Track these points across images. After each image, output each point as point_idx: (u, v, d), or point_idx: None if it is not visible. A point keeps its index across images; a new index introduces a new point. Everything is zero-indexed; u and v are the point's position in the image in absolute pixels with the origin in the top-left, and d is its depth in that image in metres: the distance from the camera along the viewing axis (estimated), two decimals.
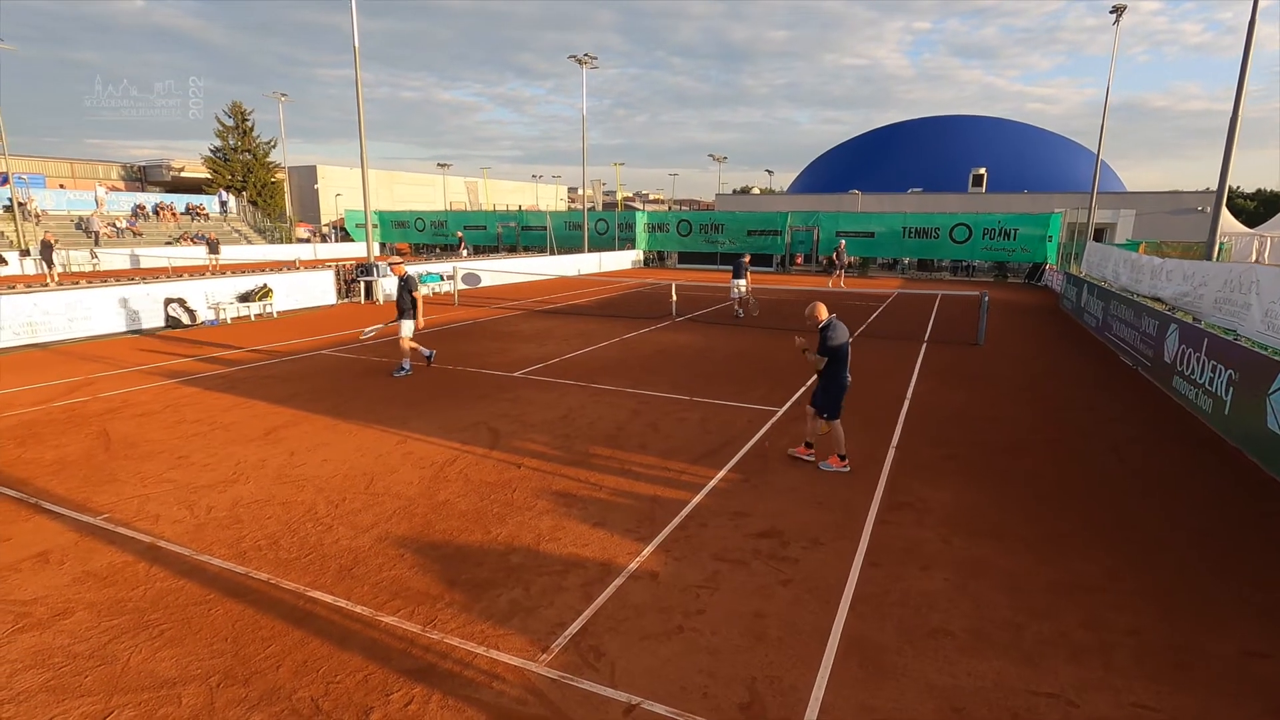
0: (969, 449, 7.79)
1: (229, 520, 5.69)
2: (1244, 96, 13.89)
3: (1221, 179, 14.77)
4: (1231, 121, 13.91)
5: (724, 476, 6.79)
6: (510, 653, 3.98)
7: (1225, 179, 14.66)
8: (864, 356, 13.27)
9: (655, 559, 5.11)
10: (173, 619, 4.28)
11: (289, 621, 4.28)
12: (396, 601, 4.50)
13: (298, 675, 3.77)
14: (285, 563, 4.99)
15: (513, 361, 12.11)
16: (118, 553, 5.13)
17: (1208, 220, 36.44)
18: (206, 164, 54.68)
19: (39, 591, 4.58)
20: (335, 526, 5.58)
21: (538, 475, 6.74)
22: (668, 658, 3.97)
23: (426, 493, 6.29)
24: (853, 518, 5.91)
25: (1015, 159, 49.75)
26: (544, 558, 5.12)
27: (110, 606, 4.42)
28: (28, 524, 5.59)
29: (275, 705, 3.53)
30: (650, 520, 5.78)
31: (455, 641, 4.09)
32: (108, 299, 14.79)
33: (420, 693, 3.64)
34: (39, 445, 7.47)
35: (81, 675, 3.75)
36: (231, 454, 7.23)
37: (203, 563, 4.99)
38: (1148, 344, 11.80)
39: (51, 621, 4.25)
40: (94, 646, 4.00)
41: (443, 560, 5.06)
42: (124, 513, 5.81)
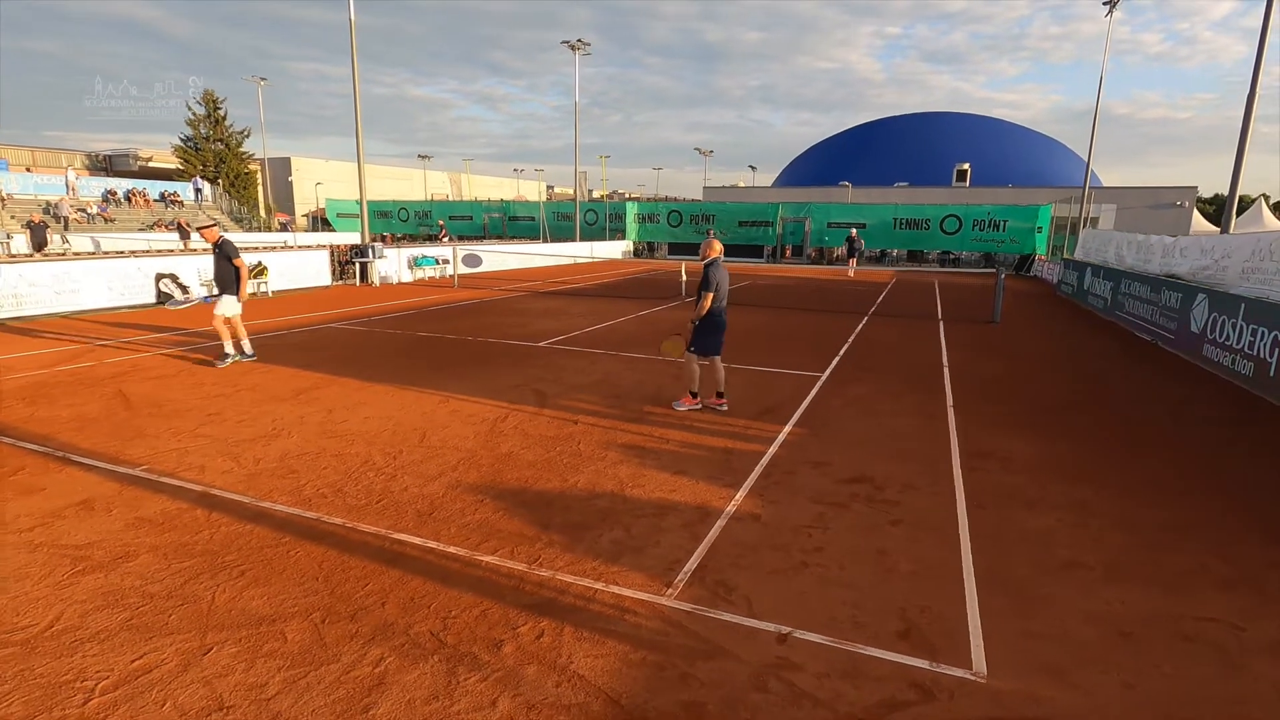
0: (1026, 408, 7.66)
1: (282, 470, 5.29)
2: (1256, 99, 13.98)
3: (1234, 175, 14.91)
4: (1244, 122, 14.02)
5: (790, 431, 6.55)
6: (632, 588, 3.68)
7: (1238, 174, 14.79)
8: (889, 331, 13.19)
9: (751, 502, 4.84)
10: (250, 560, 3.90)
11: (380, 562, 3.92)
12: (491, 542, 4.17)
13: (407, 611, 3.42)
14: (356, 508, 4.62)
15: (534, 334, 11.75)
16: (169, 500, 4.71)
17: (1185, 214, 37.38)
18: (177, 153, 53.11)
19: (91, 536, 4.16)
20: (399, 476, 5.21)
21: (598, 430, 6.43)
22: (802, 591, 3.70)
23: (486, 445, 5.94)
24: (936, 466, 5.70)
25: (997, 155, 50.51)
26: (633, 502, 4.82)
27: (176, 550, 4.01)
28: (59, 475, 5.13)
29: (392, 639, 3.19)
30: (730, 469, 5.50)
31: (569, 578, 3.77)
32: (97, 272, 14.08)
33: (549, 625, 3.32)
34: (51, 405, 6.95)
35: (164, 614, 3.36)
36: (265, 411, 6.80)
37: (266, 509, 4.60)
38: (1169, 317, 11.84)
39: (114, 564, 3.84)
40: (169, 587, 3.61)
41: (526, 505, 4.73)
42: (164, 464, 5.37)
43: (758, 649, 3.19)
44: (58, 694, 2.80)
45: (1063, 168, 52.08)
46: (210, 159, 53.02)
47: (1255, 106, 13.58)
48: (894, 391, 8.21)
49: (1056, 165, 52.13)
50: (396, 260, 21.10)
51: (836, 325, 13.68)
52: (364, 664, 3.01)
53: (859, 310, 16.23)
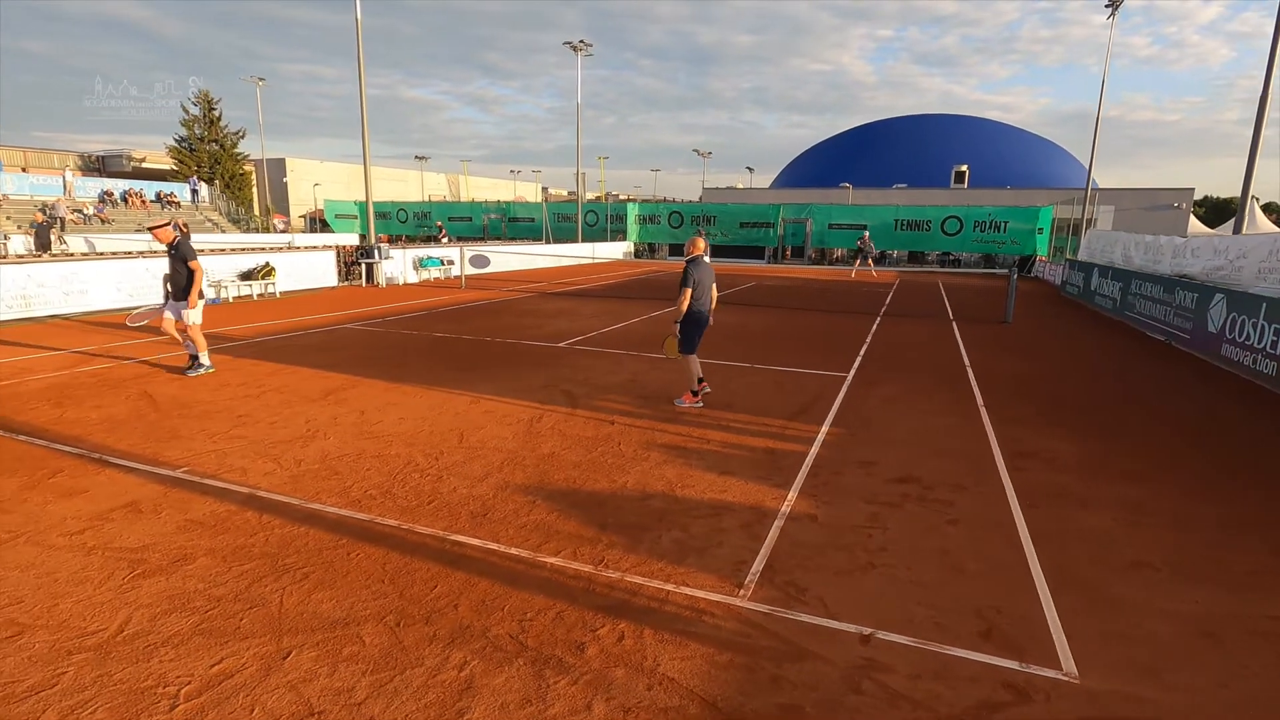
0: (1056, 407, 7.65)
1: (325, 471, 5.22)
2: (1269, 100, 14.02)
3: (1246, 178, 14.96)
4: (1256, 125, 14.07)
5: (829, 431, 6.52)
6: (704, 589, 3.64)
7: (1250, 176, 14.85)
8: (905, 330, 13.19)
9: (804, 503, 4.80)
10: (311, 563, 3.84)
11: (442, 564, 3.87)
12: (552, 543, 4.12)
13: (481, 613, 3.37)
14: (408, 510, 4.56)
15: (552, 334, 11.69)
16: (216, 502, 4.64)
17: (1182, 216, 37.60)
18: (171, 154, 52.76)
19: (144, 539, 4.09)
20: (445, 477, 5.16)
21: (635, 431, 6.38)
22: (874, 591, 3.67)
23: (527, 446, 5.89)
24: (980, 465, 5.69)
25: (993, 157, 50.74)
26: (686, 503, 4.78)
27: (234, 552, 3.95)
28: (99, 477, 5.05)
29: (472, 642, 3.14)
30: (777, 469, 5.47)
31: (638, 579, 3.73)
32: (106, 273, 13.96)
33: (628, 628, 3.28)
34: (77, 406, 6.86)
35: (234, 618, 3.30)
36: (297, 413, 6.72)
37: (317, 510, 4.53)
38: (1184, 317, 11.89)
39: (173, 567, 3.77)
40: (234, 590, 3.54)
41: (579, 506, 4.68)
42: (204, 466, 5.29)
43: (843, 650, 3.15)
44: (141, 700, 2.73)
45: (1059, 169, 52.37)
46: (205, 160, 52.68)
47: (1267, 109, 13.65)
48: (923, 391, 8.20)
49: (1052, 167, 52.41)
50: (402, 261, 21.00)
51: (851, 325, 13.67)
52: (448, 667, 2.96)
53: (870, 310, 16.25)
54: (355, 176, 65.94)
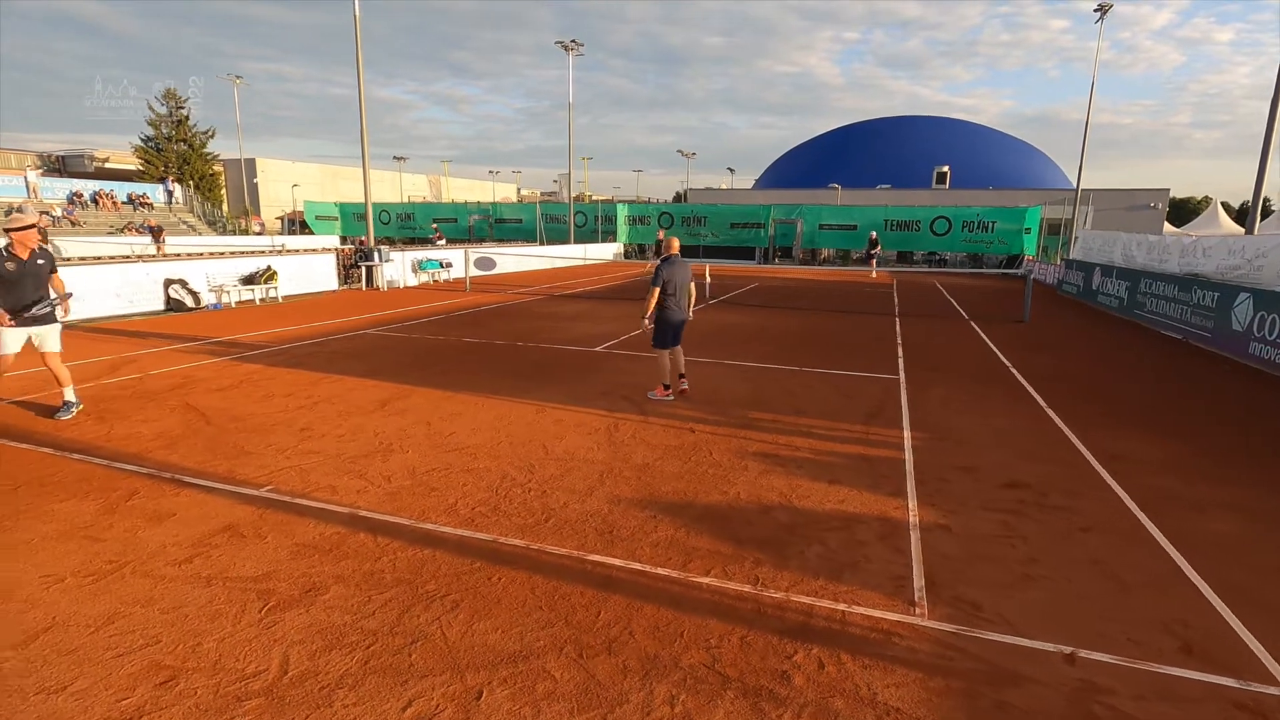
0: (1116, 407, 7.68)
1: (420, 488, 4.97)
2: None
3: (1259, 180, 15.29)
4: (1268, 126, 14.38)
5: (911, 435, 6.43)
6: (877, 608, 3.50)
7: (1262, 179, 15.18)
8: (929, 331, 13.22)
9: (928, 513, 4.70)
10: (454, 588, 3.61)
11: (593, 586, 3.67)
12: (697, 562, 3.95)
13: (662, 641, 3.19)
14: (528, 528, 4.35)
15: (582, 338, 11.47)
16: (319, 524, 4.37)
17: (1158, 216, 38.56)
18: (138, 154, 51.24)
19: (261, 566, 3.82)
20: (549, 492, 4.94)
21: (719, 439, 6.23)
22: (1046, 606, 3.56)
23: (618, 457, 5.70)
24: (1077, 469, 5.65)
25: (972, 157, 51.59)
26: (810, 515, 4.64)
27: (365, 579, 3.70)
28: (180, 498, 4.73)
29: (669, 673, 2.95)
30: (881, 476, 5.36)
31: (804, 599, 3.57)
32: (104, 278, 13.36)
33: (823, 653, 3.12)
34: (122, 421, 6.49)
35: (401, 653, 3.07)
36: (360, 426, 6.43)
37: (432, 531, 4.30)
38: (1203, 315, 12.09)
39: (306, 598, 3.51)
40: (385, 622, 3.31)
41: (703, 520, 4.51)
42: (288, 484, 5.00)
43: (1052, 671, 3.03)
44: None
45: (1036, 170, 53.48)
46: (173, 160, 51.24)
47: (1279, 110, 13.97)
48: (980, 394, 8.17)
49: (1029, 167, 53.49)
50: (401, 263, 20.55)
51: (873, 326, 13.68)
52: (658, 703, 2.78)
53: (883, 311, 16.30)
54: (329, 177, 64.58)
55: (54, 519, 4.40)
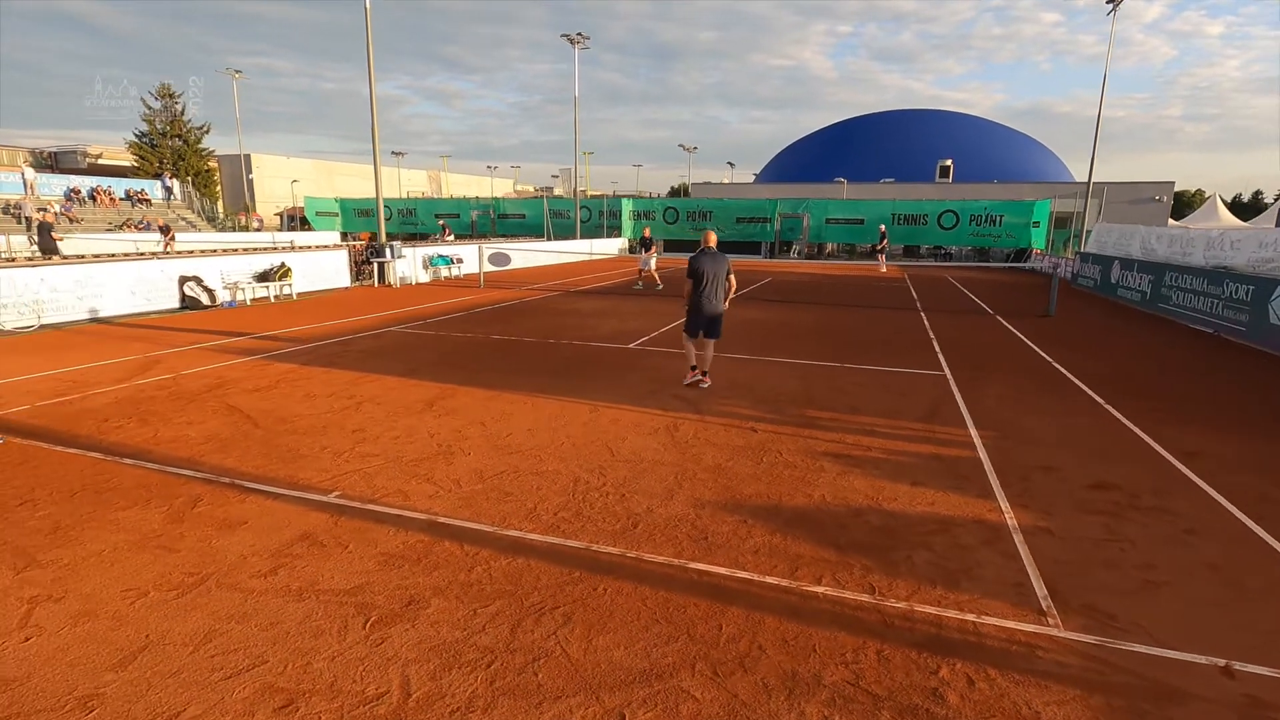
0: (1176, 402, 7.55)
1: (494, 493, 4.80)
2: None
3: None
4: None
5: (978, 434, 6.29)
6: (1007, 618, 3.35)
7: None
8: (957, 325, 13.09)
9: (1024, 515, 4.55)
10: (561, 601, 3.44)
11: (705, 597, 3.51)
12: (805, 569, 3.79)
13: (795, 656, 3.03)
14: (619, 534, 4.18)
15: (612, 335, 11.29)
16: (399, 531, 4.19)
17: (1163, 208, 38.50)
18: (132, 150, 50.72)
19: (351, 579, 3.64)
20: (627, 495, 4.78)
21: (784, 438, 6.07)
22: (1179, 614, 3.42)
23: (687, 458, 5.53)
24: (1158, 468, 5.51)
25: (973, 151, 51.43)
26: (902, 518, 4.49)
27: (465, 591, 3.53)
28: (246, 505, 4.55)
29: (814, 692, 2.80)
30: (963, 477, 5.22)
31: (929, 609, 3.42)
32: (120, 276, 13.10)
33: (967, 668, 2.97)
34: (165, 424, 6.28)
35: (526, 673, 2.90)
36: (413, 427, 6.25)
37: (519, 538, 4.13)
38: (1237, 309, 11.99)
39: (408, 612, 3.34)
40: (500, 639, 3.14)
41: (796, 525, 4.36)
42: (355, 489, 4.82)
43: (1213, 686, 2.89)
44: None
45: (1037, 163, 53.41)
46: (168, 156, 50.74)
47: None
48: (1030, 389, 8.04)
49: (1031, 160, 53.41)
50: (412, 260, 20.30)
51: (899, 321, 13.55)
52: None
53: (904, 306, 16.17)
54: (324, 173, 63.96)
55: (121, 528, 4.21)
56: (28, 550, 3.93)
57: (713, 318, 7.59)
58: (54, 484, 4.87)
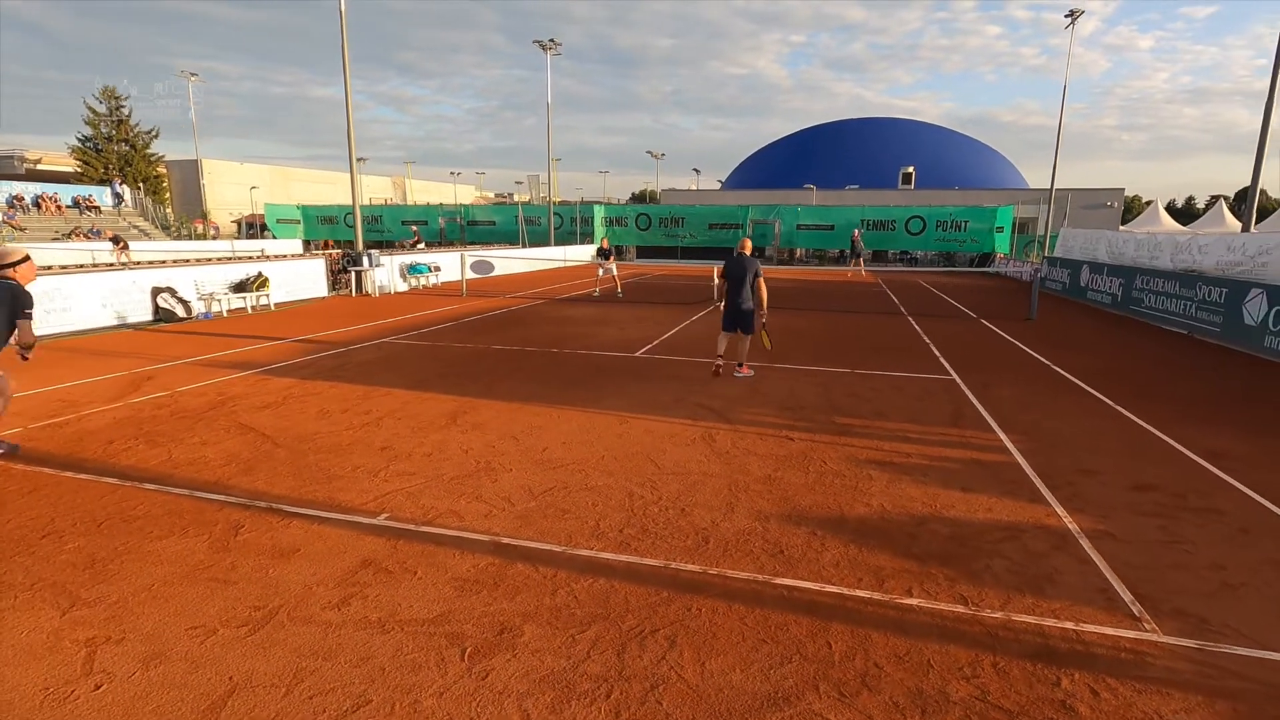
0: (1180, 402, 7.78)
1: (550, 510, 4.66)
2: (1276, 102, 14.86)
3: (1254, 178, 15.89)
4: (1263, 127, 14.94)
5: (1008, 438, 6.38)
6: (1105, 624, 3.37)
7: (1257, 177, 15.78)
8: (947, 329, 13.33)
9: (1082, 519, 4.61)
10: (659, 623, 3.34)
11: (804, 613, 3.45)
12: (891, 582, 3.76)
13: (916, 673, 2.99)
14: (693, 551, 4.10)
15: (614, 344, 11.19)
16: (465, 554, 4.03)
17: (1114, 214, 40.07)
18: (75, 155, 48.74)
19: (431, 607, 3.48)
20: (688, 510, 4.69)
21: (822, 446, 6.06)
22: (1269, 615, 3.49)
23: (734, 468, 5.47)
24: (1188, 467, 5.67)
25: (934, 158, 52.90)
26: (967, 525, 4.50)
27: (554, 616, 3.40)
28: (292, 530, 4.32)
29: (948, 709, 2.76)
30: (1010, 481, 5.28)
31: (1027, 618, 3.42)
32: (90, 287, 12.46)
33: (1086, 678, 2.97)
34: (177, 445, 5.96)
35: (649, 702, 2.79)
36: (442, 442, 6.05)
37: (593, 557, 4.01)
38: (1211, 311, 12.49)
39: (504, 641, 3.20)
40: (610, 667, 3.02)
41: (866, 535, 4.33)
42: (403, 510, 4.63)
43: None
44: None
45: (995, 170, 55.17)
46: (114, 161, 48.90)
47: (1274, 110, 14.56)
48: (1040, 392, 8.21)
49: (988, 168, 55.15)
50: (390, 268, 19.86)
51: (890, 326, 13.76)
52: None
53: (889, 310, 16.44)
54: (279, 179, 62.20)
55: (163, 559, 3.95)
56: (68, 587, 3.65)
57: (739, 314, 8.52)
58: (75, 513, 4.56)
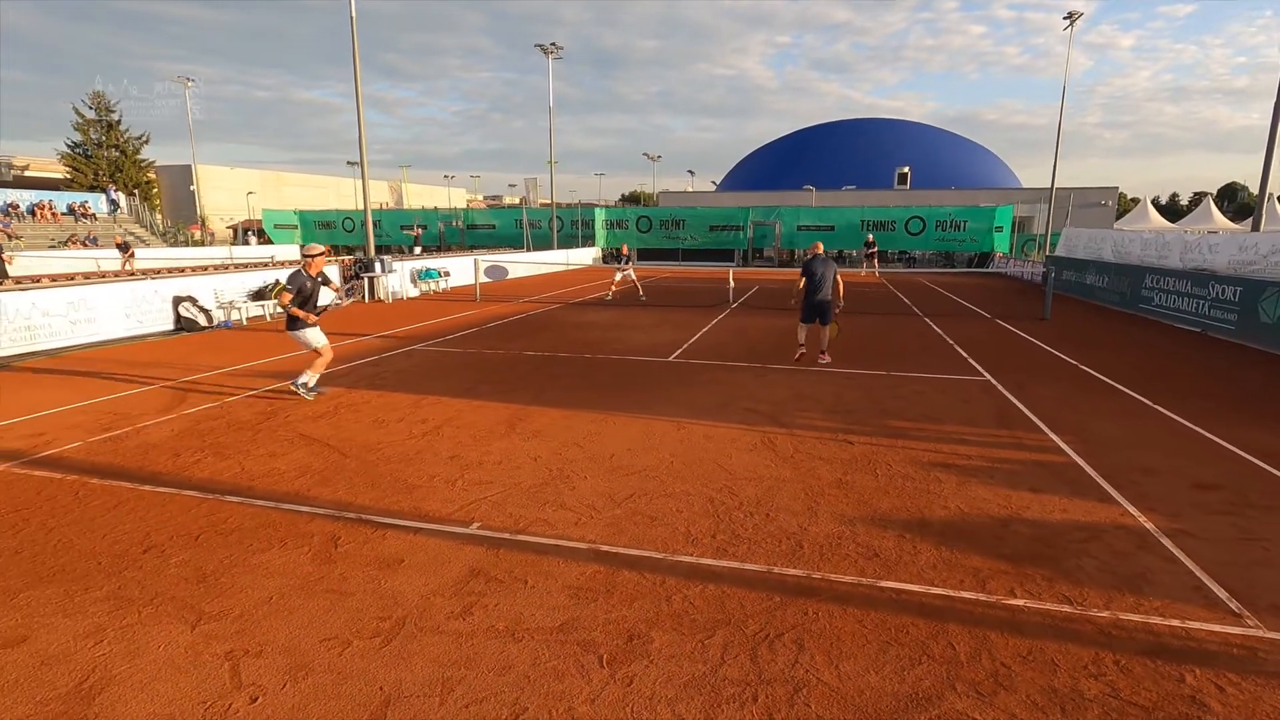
0: (1216, 401, 7.94)
1: (638, 517, 4.74)
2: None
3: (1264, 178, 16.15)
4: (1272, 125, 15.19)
5: (1061, 439, 6.51)
6: (1212, 622, 3.50)
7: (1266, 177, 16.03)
8: (966, 330, 13.48)
9: (1156, 518, 4.74)
10: (783, 626, 3.43)
11: (918, 616, 3.55)
12: (993, 582, 3.87)
13: (1044, 672, 3.10)
14: (791, 555, 4.19)
15: (646, 348, 11.27)
16: (568, 562, 4.11)
17: (1109, 212, 40.51)
18: (65, 161, 48.36)
19: (554, 616, 3.55)
20: (773, 515, 4.79)
21: (882, 449, 6.17)
22: None
23: (804, 472, 5.58)
24: (1243, 466, 5.82)
25: (929, 158, 53.29)
26: (1047, 526, 4.63)
27: (677, 622, 3.48)
28: (388, 541, 4.38)
29: (1087, 708, 2.86)
30: (1074, 482, 5.41)
31: (1134, 617, 3.54)
32: (113, 298, 12.42)
33: (1209, 675, 3.09)
34: (245, 456, 5.99)
35: (797, 704, 2.88)
36: (509, 451, 6.12)
37: (694, 563, 4.09)
38: (1225, 309, 12.72)
39: (637, 647, 3.28)
40: (745, 670, 3.11)
41: (953, 538, 4.44)
42: (492, 519, 4.70)
43: None
44: None
45: (988, 169, 55.67)
46: (104, 167, 48.53)
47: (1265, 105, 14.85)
48: (1076, 391, 8.37)
49: (982, 167, 55.65)
50: (401, 274, 19.86)
51: (909, 327, 13.93)
52: None
53: (903, 311, 16.61)
54: (272, 184, 61.82)
55: (272, 572, 4.00)
56: (188, 601, 3.70)
57: (821, 307, 9.73)
58: (168, 527, 4.60)
